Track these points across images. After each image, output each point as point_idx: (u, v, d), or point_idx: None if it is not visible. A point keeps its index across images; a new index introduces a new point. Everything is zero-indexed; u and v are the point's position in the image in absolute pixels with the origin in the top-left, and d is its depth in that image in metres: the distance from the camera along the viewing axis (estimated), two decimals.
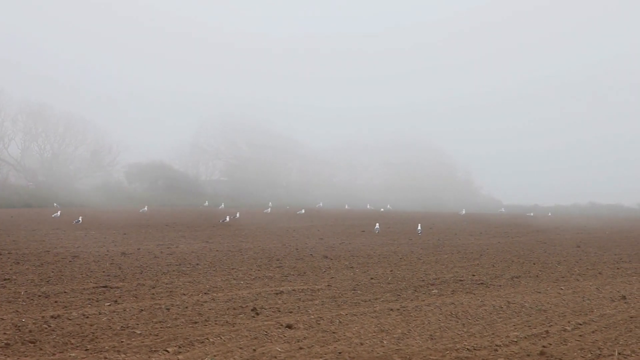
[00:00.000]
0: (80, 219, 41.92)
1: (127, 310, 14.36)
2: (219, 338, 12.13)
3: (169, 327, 12.93)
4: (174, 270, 20.48)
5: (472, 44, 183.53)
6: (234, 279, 19.03)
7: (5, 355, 10.87)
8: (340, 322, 13.77)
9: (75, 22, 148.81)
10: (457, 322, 14.10)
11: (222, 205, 78.73)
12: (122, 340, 11.85)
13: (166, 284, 17.96)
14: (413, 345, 12.05)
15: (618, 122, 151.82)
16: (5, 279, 17.86)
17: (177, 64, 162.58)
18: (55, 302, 15.07)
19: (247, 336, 12.36)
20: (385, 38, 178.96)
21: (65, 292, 16.32)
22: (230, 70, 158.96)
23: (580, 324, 14.17)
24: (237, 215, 53.97)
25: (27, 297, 15.49)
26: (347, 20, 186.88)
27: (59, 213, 51.02)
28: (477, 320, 14.28)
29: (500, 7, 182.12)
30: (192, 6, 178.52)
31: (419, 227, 39.88)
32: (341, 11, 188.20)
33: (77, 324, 12.88)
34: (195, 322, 13.36)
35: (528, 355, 11.70)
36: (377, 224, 41.57)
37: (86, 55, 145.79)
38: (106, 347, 11.37)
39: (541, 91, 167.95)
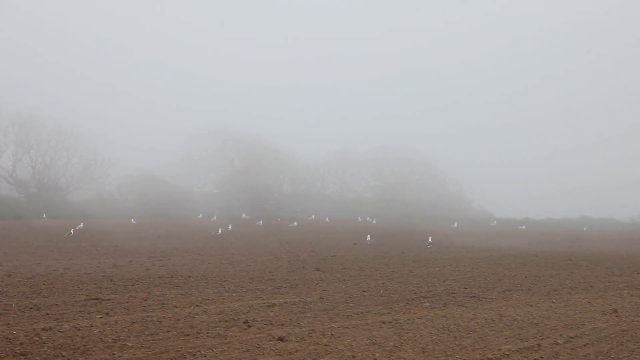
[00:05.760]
0: (71, 231, 41.80)
1: (119, 322, 14.32)
2: (210, 351, 12.10)
3: (161, 339, 12.89)
4: (165, 283, 20.44)
5: (462, 52, 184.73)
6: (226, 292, 19.00)
7: None
8: (332, 334, 13.76)
9: (66, 36, 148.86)
10: (449, 335, 14.10)
11: (215, 218, 78.64)
12: (113, 352, 11.81)
13: (158, 296, 17.91)
14: (405, 358, 12.05)
15: (610, 135, 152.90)
16: None
17: (169, 75, 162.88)
18: (47, 314, 15.01)
19: (239, 349, 12.34)
20: (378, 42, 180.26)
21: (56, 304, 16.26)
22: (222, 81, 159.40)
23: (572, 338, 14.19)
24: (230, 227, 53.97)
25: (19, 310, 15.43)
26: (339, 25, 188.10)
27: (77, 228, 47.29)
28: (469, 333, 14.29)
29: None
30: (185, 14, 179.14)
31: (430, 240, 40.42)
32: (333, 16, 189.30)
33: (68, 337, 12.84)
34: (187, 335, 13.32)
35: None
36: (369, 236, 41.74)
37: (76, 68, 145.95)
38: None
39: (534, 103, 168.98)
